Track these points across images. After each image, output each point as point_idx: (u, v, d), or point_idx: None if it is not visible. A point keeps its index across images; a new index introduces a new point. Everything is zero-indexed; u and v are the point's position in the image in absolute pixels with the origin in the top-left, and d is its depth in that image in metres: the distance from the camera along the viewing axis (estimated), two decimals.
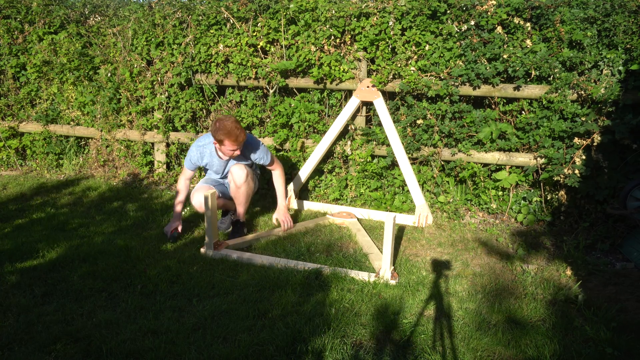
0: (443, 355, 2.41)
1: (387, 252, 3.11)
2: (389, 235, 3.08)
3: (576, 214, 3.96)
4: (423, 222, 4.13)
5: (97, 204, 4.67)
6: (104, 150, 5.61)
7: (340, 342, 2.48)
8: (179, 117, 5.16)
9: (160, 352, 2.37)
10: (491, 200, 4.27)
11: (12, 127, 5.76)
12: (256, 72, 4.79)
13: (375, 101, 4.38)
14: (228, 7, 4.83)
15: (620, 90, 3.67)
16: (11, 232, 3.93)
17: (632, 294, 3.01)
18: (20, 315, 2.71)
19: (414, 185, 4.22)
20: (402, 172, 4.30)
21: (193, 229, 4.07)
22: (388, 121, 4.32)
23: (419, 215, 4.14)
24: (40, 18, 5.62)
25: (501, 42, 4.01)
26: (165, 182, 5.27)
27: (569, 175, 3.80)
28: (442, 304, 2.87)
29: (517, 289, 3.07)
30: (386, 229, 3.10)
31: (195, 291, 3.00)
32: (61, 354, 2.38)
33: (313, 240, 3.80)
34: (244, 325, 2.61)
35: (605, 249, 3.64)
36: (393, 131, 4.29)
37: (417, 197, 4.19)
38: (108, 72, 5.34)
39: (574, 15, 3.87)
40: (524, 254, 3.57)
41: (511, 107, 4.12)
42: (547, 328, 2.64)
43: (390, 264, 3.15)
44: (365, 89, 4.40)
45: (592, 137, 3.78)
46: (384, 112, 4.34)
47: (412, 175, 4.23)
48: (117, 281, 3.10)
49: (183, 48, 4.98)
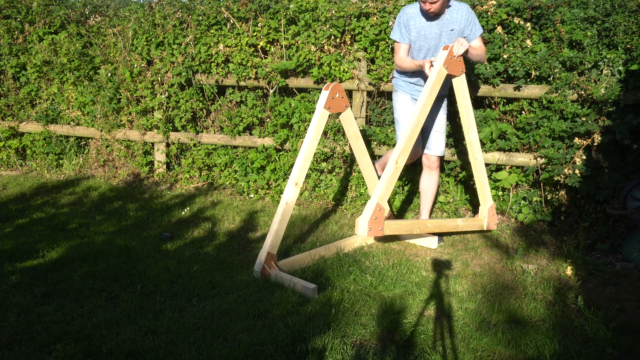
0: (443, 355, 2.41)
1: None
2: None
3: (576, 214, 3.95)
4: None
5: (97, 204, 4.67)
6: (104, 150, 5.61)
7: (340, 342, 2.48)
8: (179, 117, 5.16)
9: (160, 352, 2.37)
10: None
11: (12, 127, 5.76)
12: (256, 72, 4.79)
13: (344, 113, 3.49)
14: (228, 7, 4.84)
15: (620, 91, 3.67)
16: (11, 232, 3.93)
17: (632, 294, 3.01)
18: (20, 315, 2.71)
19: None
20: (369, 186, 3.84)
21: (193, 229, 4.07)
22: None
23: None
24: (40, 18, 5.62)
25: (501, 42, 4.01)
26: (165, 182, 5.27)
27: (569, 175, 3.80)
28: (442, 304, 2.87)
29: (517, 289, 3.07)
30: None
31: (195, 291, 3.00)
32: (61, 354, 2.37)
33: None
34: (244, 325, 2.61)
35: (605, 249, 3.64)
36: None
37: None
38: (108, 72, 5.34)
39: (574, 15, 3.87)
40: (524, 253, 3.57)
41: (511, 107, 4.12)
42: (547, 328, 2.64)
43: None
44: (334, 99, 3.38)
45: (592, 137, 3.78)
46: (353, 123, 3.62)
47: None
48: (117, 281, 3.10)
49: (183, 48, 4.98)
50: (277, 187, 4.80)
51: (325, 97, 3.27)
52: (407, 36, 3.57)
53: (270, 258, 3.17)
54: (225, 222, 4.24)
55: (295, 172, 3.25)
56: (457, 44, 3.34)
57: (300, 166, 3.26)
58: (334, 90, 3.30)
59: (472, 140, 3.57)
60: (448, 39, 3.50)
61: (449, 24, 3.49)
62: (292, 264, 3.32)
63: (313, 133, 3.26)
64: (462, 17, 3.47)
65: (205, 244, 3.73)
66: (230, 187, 5.07)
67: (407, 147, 3.16)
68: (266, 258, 3.16)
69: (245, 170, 4.97)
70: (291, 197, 3.24)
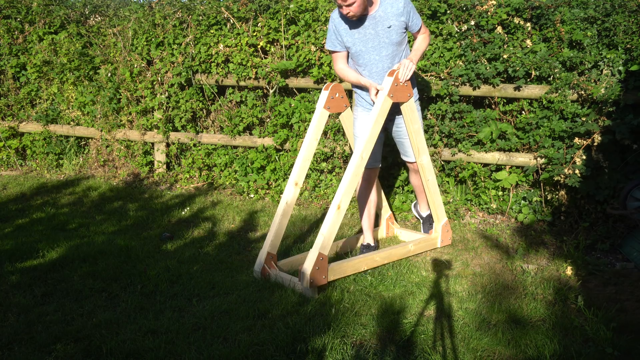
0: (443, 355, 2.41)
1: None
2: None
3: (576, 214, 3.95)
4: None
5: (97, 204, 4.67)
6: (104, 150, 5.61)
7: (340, 342, 2.48)
8: (179, 117, 5.16)
9: (160, 352, 2.37)
10: (491, 200, 4.27)
11: (12, 127, 5.76)
12: (256, 72, 4.79)
13: (344, 113, 3.48)
14: (228, 7, 4.84)
15: (620, 91, 3.67)
16: (11, 232, 3.93)
17: (632, 294, 3.01)
18: (20, 315, 2.71)
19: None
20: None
21: (193, 229, 4.07)
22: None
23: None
24: (40, 18, 5.63)
25: (501, 42, 4.01)
26: (165, 182, 5.27)
27: (569, 175, 3.80)
28: (442, 304, 2.87)
29: (517, 289, 3.07)
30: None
31: (195, 291, 3.00)
32: (61, 354, 2.38)
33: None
34: (244, 325, 2.61)
35: (605, 249, 3.64)
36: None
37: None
38: (108, 72, 5.34)
39: (574, 15, 3.87)
40: (524, 254, 3.57)
41: (511, 107, 4.12)
42: (547, 328, 2.63)
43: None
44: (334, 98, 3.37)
45: (592, 137, 3.78)
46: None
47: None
48: (117, 281, 3.10)
49: (183, 48, 4.98)
50: (277, 187, 4.80)
51: (325, 97, 3.26)
52: (340, 43, 3.24)
53: (270, 258, 3.17)
54: (225, 222, 4.24)
55: (295, 172, 3.25)
56: (403, 68, 3.05)
57: (300, 166, 3.25)
58: (334, 90, 3.29)
59: (423, 163, 3.41)
60: (387, 37, 3.16)
61: (384, 20, 3.14)
62: (292, 264, 3.32)
63: (313, 133, 3.26)
64: (398, 10, 3.13)
65: (205, 244, 3.73)
66: (230, 187, 5.07)
67: (349, 188, 3.00)
68: (266, 258, 3.16)
69: (245, 170, 4.97)
70: (291, 197, 3.24)
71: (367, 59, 3.23)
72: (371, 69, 3.25)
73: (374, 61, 3.23)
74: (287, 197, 3.23)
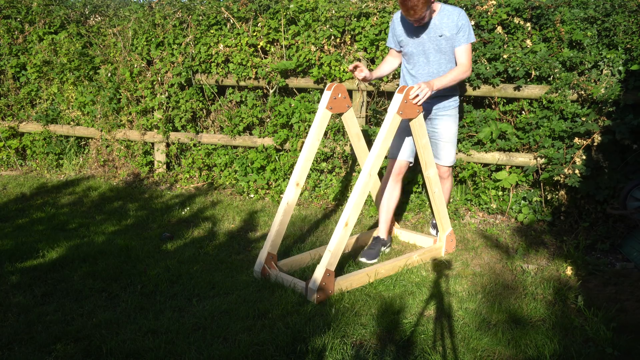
0: (443, 355, 2.41)
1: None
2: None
3: (576, 214, 3.96)
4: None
5: (97, 204, 4.67)
6: (104, 150, 5.61)
7: (340, 342, 2.48)
8: (179, 117, 5.16)
9: (160, 352, 2.37)
10: (491, 200, 4.27)
11: (12, 127, 5.76)
12: (256, 72, 4.79)
13: (346, 113, 3.43)
14: (228, 7, 4.84)
15: (620, 91, 3.67)
16: (11, 232, 3.93)
17: (632, 294, 3.01)
18: (20, 315, 2.71)
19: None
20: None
21: (193, 229, 4.07)
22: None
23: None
24: (40, 18, 5.63)
25: (501, 42, 4.01)
26: (165, 182, 5.27)
27: (569, 175, 3.80)
28: (442, 304, 2.87)
29: (517, 289, 3.07)
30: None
31: (195, 291, 3.00)
32: (61, 354, 2.38)
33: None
34: (244, 325, 2.62)
35: (605, 249, 3.64)
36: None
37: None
38: (108, 72, 5.34)
39: (574, 15, 3.87)
40: (524, 253, 3.57)
41: (511, 107, 4.12)
42: (547, 328, 2.64)
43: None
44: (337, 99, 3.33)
45: (592, 137, 3.78)
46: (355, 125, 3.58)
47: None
48: (117, 281, 3.10)
49: (183, 48, 4.98)
50: (277, 187, 4.80)
51: (327, 97, 3.25)
52: (394, 42, 3.49)
53: (271, 258, 3.17)
54: (225, 222, 4.24)
55: (297, 172, 3.25)
56: (416, 90, 3.03)
57: (301, 166, 3.25)
58: (337, 90, 3.29)
59: (430, 176, 3.41)
60: (437, 45, 3.30)
61: (437, 29, 3.27)
62: (292, 264, 3.32)
63: (315, 133, 3.25)
64: (451, 22, 3.25)
65: (205, 244, 3.73)
66: (230, 187, 5.07)
67: (357, 205, 2.98)
68: (266, 258, 3.16)
69: (245, 170, 4.97)
70: (292, 197, 3.23)
71: (416, 60, 3.42)
72: (418, 70, 3.43)
73: (422, 64, 3.41)
74: (288, 197, 3.23)
